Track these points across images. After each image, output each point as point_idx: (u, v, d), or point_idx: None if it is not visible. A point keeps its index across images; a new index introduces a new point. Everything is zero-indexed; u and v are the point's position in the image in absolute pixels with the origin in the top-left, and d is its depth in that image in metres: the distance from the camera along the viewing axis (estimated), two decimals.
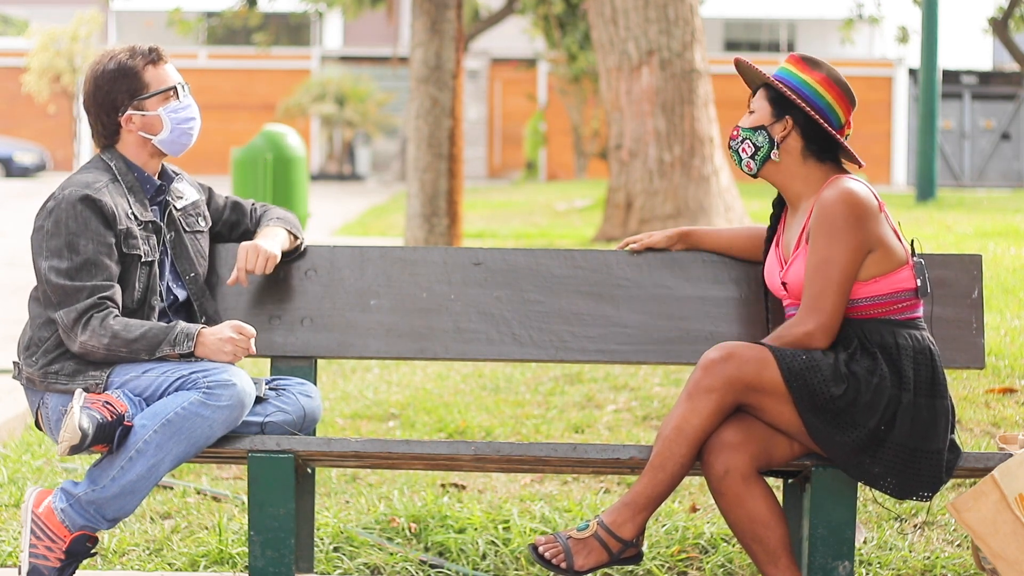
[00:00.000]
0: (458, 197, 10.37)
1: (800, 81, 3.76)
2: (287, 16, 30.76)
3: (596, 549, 3.63)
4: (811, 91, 3.74)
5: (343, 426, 5.97)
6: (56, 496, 3.72)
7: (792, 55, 3.82)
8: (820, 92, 3.74)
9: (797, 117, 3.74)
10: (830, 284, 3.63)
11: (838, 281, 3.64)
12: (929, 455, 3.62)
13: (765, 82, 3.81)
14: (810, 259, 3.67)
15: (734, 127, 3.84)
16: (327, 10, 28.34)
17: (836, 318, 3.64)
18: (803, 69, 3.77)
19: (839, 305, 3.64)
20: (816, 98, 3.74)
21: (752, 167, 3.80)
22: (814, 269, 3.65)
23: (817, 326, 3.64)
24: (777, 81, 3.77)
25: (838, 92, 3.76)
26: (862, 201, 3.65)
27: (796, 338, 3.65)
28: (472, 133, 36.23)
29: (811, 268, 3.66)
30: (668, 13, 11.99)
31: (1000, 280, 8.61)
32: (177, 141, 3.92)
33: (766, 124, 3.77)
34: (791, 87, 3.76)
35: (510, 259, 4.20)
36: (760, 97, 3.80)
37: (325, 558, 4.38)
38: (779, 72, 3.80)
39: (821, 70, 3.76)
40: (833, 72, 3.76)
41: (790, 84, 3.76)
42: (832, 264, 3.63)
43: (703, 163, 12.03)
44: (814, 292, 3.65)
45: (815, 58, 3.79)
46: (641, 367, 6.68)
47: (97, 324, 3.70)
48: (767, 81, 3.79)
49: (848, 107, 3.77)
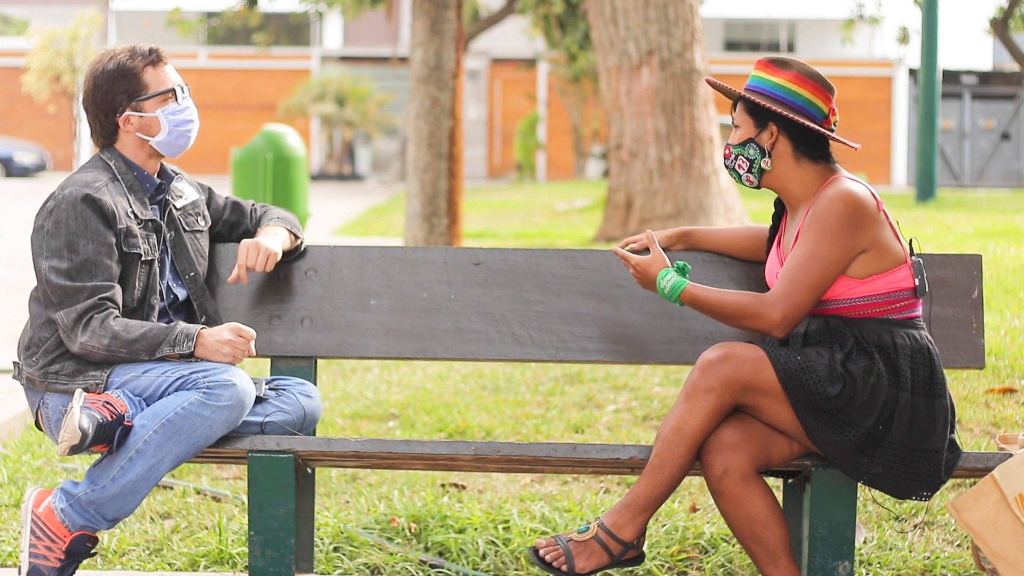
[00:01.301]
0: (458, 197, 10.37)
1: (772, 85, 3.75)
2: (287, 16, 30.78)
3: (597, 551, 3.63)
4: (786, 92, 3.74)
5: (343, 426, 5.97)
6: (56, 496, 3.72)
7: (760, 60, 3.81)
8: (795, 91, 3.73)
9: (779, 122, 3.74)
10: (809, 279, 3.63)
11: (817, 280, 3.64)
12: (928, 455, 3.62)
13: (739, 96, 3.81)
14: (796, 250, 3.66)
15: (726, 146, 3.84)
16: (327, 10, 28.36)
17: (803, 313, 3.65)
18: (773, 72, 3.77)
19: (811, 302, 3.64)
20: (793, 98, 3.73)
21: (752, 180, 3.81)
22: (798, 261, 3.64)
23: (784, 317, 3.62)
24: (751, 91, 3.78)
25: (812, 85, 3.74)
26: (859, 202, 3.65)
27: (758, 319, 3.63)
28: (472, 133, 36.24)
29: (795, 259, 3.65)
30: (668, 13, 11.99)
31: (1000, 280, 8.61)
32: (175, 143, 3.92)
33: (752, 136, 3.77)
34: (765, 93, 3.75)
35: (510, 259, 4.20)
36: (740, 111, 3.80)
37: (325, 558, 4.38)
38: (751, 81, 3.80)
39: (791, 68, 3.75)
40: (803, 67, 3.75)
41: (764, 91, 3.76)
42: (817, 260, 3.63)
43: (703, 163, 12.03)
44: (791, 282, 3.63)
45: (783, 58, 3.78)
46: (641, 367, 6.68)
47: (97, 325, 3.70)
48: (740, 96, 3.79)
49: (827, 96, 3.75)
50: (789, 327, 3.65)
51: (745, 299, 3.67)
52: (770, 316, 3.63)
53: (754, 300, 3.66)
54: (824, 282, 3.64)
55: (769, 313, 3.63)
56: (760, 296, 3.67)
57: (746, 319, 3.66)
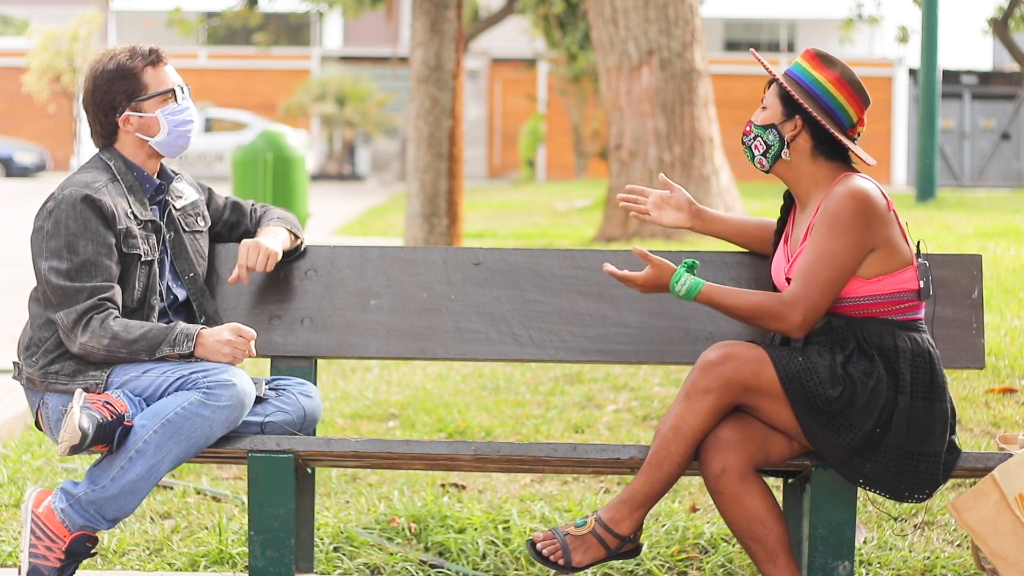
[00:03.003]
0: (458, 197, 10.37)
1: (812, 79, 3.74)
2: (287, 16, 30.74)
3: (594, 546, 3.63)
4: (822, 90, 3.72)
5: (343, 426, 5.97)
6: (56, 496, 3.72)
7: (808, 50, 3.78)
8: (832, 92, 3.72)
9: (807, 117, 3.73)
10: (825, 278, 3.62)
11: (833, 278, 3.63)
12: (926, 458, 3.62)
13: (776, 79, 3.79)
14: (809, 249, 3.65)
15: (747, 122, 3.82)
16: (327, 10, 28.33)
17: (821, 313, 3.63)
18: (817, 67, 3.75)
19: (828, 301, 3.63)
20: (827, 98, 3.72)
21: (764, 164, 3.79)
22: (812, 259, 3.63)
23: (804, 318, 3.61)
24: (790, 78, 3.76)
25: (850, 92, 3.73)
26: (871, 200, 3.65)
27: (779, 320, 3.62)
28: (472, 133, 36.23)
29: (809, 258, 3.64)
30: (668, 13, 11.99)
31: (1000, 280, 8.60)
32: (174, 143, 3.92)
33: (776, 123, 3.75)
34: (803, 85, 3.73)
35: (510, 259, 4.19)
36: (772, 93, 3.77)
37: (325, 558, 4.38)
38: (793, 68, 3.78)
39: (835, 69, 3.74)
40: (847, 71, 3.74)
41: (802, 82, 3.74)
42: (830, 258, 3.62)
43: (703, 163, 12.03)
44: (807, 282, 3.62)
45: (831, 56, 3.75)
46: (641, 367, 6.68)
47: (97, 325, 3.70)
48: (776, 79, 3.77)
49: (861, 107, 3.74)
50: (808, 327, 3.63)
51: (765, 300, 3.65)
52: (791, 317, 3.62)
53: (774, 301, 3.64)
54: (840, 280, 3.63)
55: (789, 314, 3.62)
56: (779, 297, 3.65)
57: (766, 319, 3.64)
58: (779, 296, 3.65)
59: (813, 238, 3.66)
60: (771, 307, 3.64)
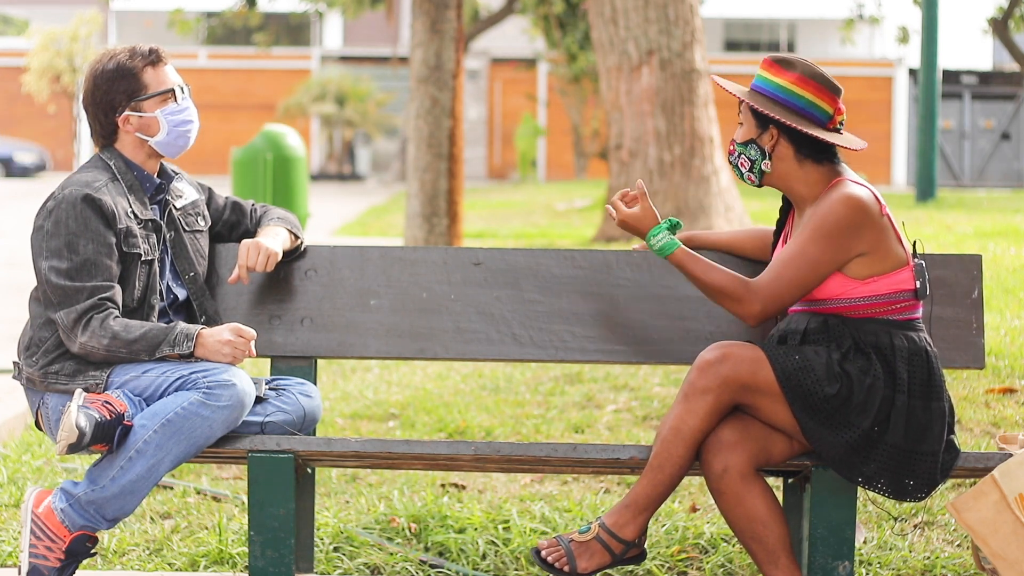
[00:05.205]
0: (458, 197, 10.37)
1: (775, 86, 3.73)
2: (287, 16, 30.76)
3: (599, 551, 3.63)
4: (787, 94, 3.71)
5: (343, 426, 5.97)
6: (56, 496, 3.72)
7: (766, 59, 3.78)
8: (797, 93, 3.71)
9: (780, 125, 3.73)
10: (795, 276, 3.63)
11: (802, 278, 3.64)
12: (923, 457, 3.62)
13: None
14: (791, 244, 3.66)
15: (731, 141, 3.83)
16: (327, 10, 28.35)
17: (781, 308, 3.66)
18: (777, 72, 3.75)
19: (792, 299, 3.66)
20: (795, 100, 3.71)
21: (753, 179, 3.80)
22: (787, 257, 3.64)
23: (763, 309, 3.64)
24: (754, 92, 3.76)
25: (816, 86, 3.72)
26: (861, 206, 3.64)
27: (738, 304, 3.64)
28: (472, 133, 36.23)
29: (786, 254, 3.65)
30: (668, 13, 11.98)
31: (1000, 280, 8.61)
32: (174, 143, 3.92)
33: (754, 137, 3.77)
34: (767, 95, 3.74)
35: (510, 259, 4.20)
36: (744, 110, 3.79)
37: (325, 558, 4.38)
38: (756, 81, 3.78)
39: (795, 69, 3.73)
40: (807, 68, 3.72)
41: (766, 92, 3.74)
42: (805, 259, 3.63)
43: (703, 163, 12.03)
44: (777, 276, 3.63)
45: (788, 58, 3.76)
46: (641, 367, 6.68)
47: (97, 325, 3.70)
48: (741, 99, 3.77)
49: (831, 98, 3.73)
50: (764, 318, 3.66)
51: (731, 281, 3.67)
52: (751, 304, 3.65)
53: (739, 284, 3.66)
54: (810, 281, 3.64)
55: (751, 301, 3.64)
56: (745, 282, 3.67)
57: (726, 300, 3.67)
58: (745, 281, 3.67)
59: (797, 235, 3.67)
60: (735, 289, 3.66)
